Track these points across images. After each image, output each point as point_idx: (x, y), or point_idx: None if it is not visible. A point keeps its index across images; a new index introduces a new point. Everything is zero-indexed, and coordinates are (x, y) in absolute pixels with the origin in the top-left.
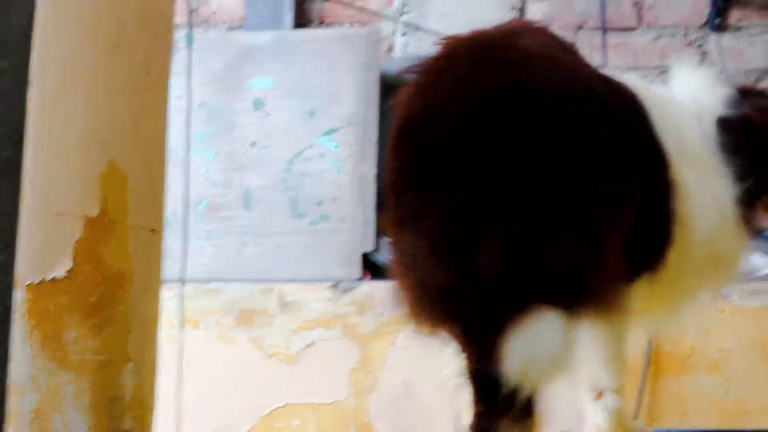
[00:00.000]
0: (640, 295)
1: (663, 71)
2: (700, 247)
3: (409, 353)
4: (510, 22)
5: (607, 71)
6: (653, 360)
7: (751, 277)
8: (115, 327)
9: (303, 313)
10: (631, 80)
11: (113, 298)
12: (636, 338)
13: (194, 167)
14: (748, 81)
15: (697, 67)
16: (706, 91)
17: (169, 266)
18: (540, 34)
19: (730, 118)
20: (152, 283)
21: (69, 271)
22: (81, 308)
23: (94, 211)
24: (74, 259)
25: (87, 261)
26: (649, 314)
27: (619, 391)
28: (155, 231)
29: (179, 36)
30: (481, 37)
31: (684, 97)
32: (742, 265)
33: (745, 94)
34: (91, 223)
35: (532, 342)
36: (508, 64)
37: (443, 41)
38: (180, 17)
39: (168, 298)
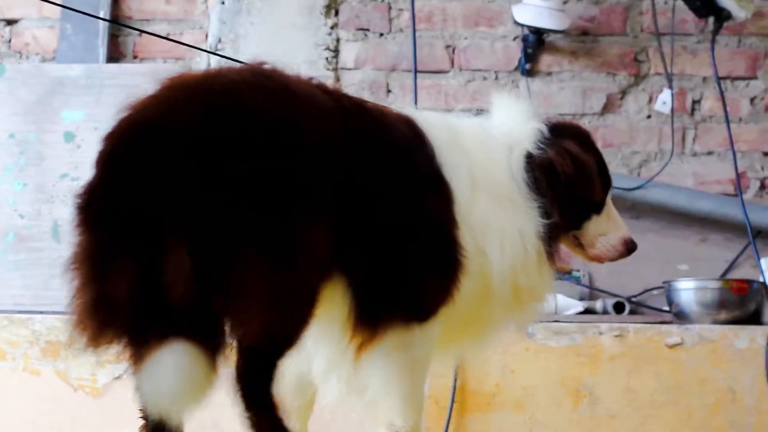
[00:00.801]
0: (442, 327)
1: (477, 113)
2: (500, 278)
3: (217, 390)
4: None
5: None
6: (459, 397)
7: (557, 316)
8: None
9: None
10: (426, 115)
11: None
12: (442, 371)
13: (2, 198)
14: None
15: (515, 101)
16: (520, 125)
17: None
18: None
19: (534, 156)
20: None
21: None
22: None
23: None
24: None
25: None
26: (453, 345)
27: (414, 430)
28: None
29: None
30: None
31: (499, 131)
32: (546, 300)
33: (557, 130)
34: None
35: (156, 374)
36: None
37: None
38: None
39: None
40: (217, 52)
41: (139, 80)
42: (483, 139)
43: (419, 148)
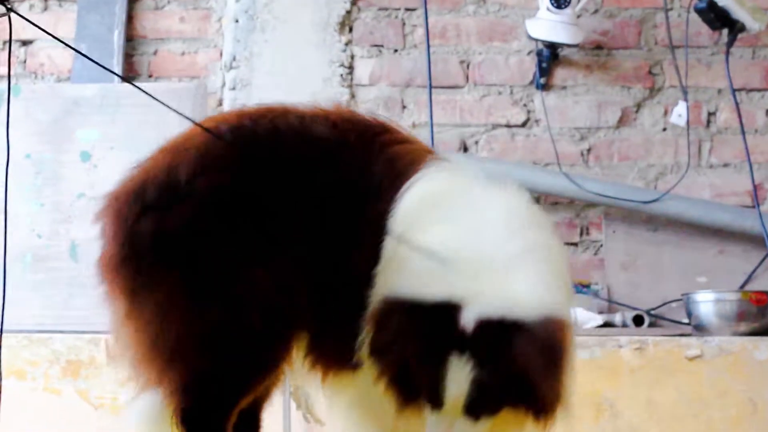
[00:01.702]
0: None
1: (492, 128)
2: None
3: None
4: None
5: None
6: None
7: (576, 330)
8: None
9: None
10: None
11: None
12: None
13: (20, 218)
14: (573, 139)
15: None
16: None
17: None
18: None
19: None
20: None
21: None
22: None
23: None
24: None
25: None
26: None
27: None
28: None
29: (4, 87)
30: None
31: None
32: None
33: None
34: None
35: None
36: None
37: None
38: (5, 68)
39: None
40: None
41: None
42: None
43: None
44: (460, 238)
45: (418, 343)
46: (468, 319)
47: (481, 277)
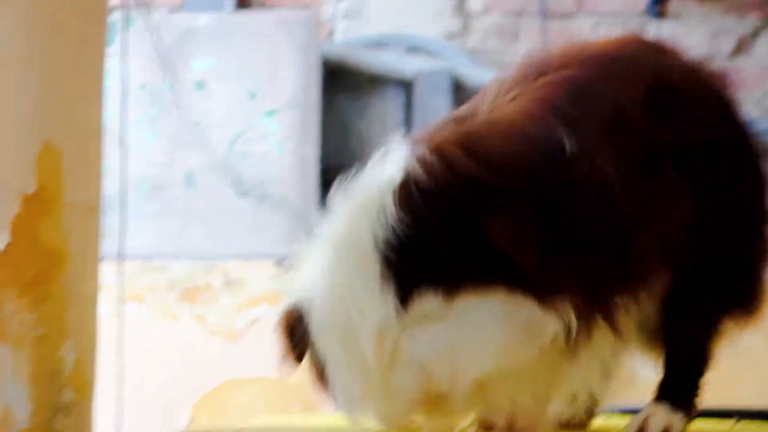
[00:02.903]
0: None
1: None
2: None
3: None
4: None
5: None
6: None
7: None
8: (52, 303)
9: (247, 290)
10: None
11: (49, 275)
12: None
13: (136, 148)
14: None
15: None
16: None
17: (114, 244)
18: None
19: None
20: (90, 260)
21: (6, 247)
22: (18, 283)
23: (31, 189)
24: (11, 236)
25: (23, 237)
26: None
27: None
28: (93, 209)
29: (119, 18)
30: None
31: None
32: None
33: None
34: (27, 201)
35: None
36: None
37: None
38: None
39: (113, 275)
40: None
41: (266, 28)
42: None
43: None
44: None
45: None
46: None
47: None
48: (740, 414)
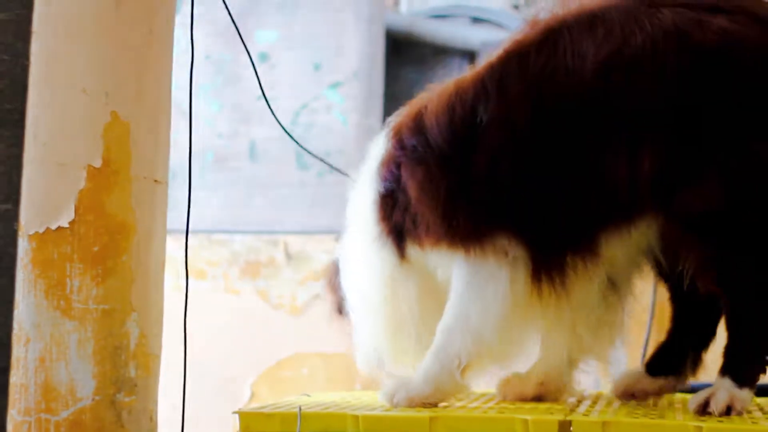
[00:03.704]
0: None
1: None
2: None
3: None
4: None
5: None
6: (657, 313)
7: None
8: (118, 277)
9: (309, 264)
10: None
11: (116, 248)
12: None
13: (200, 119)
14: None
15: None
16: None
17: (176, 217)
18: None
19: None
20: (156, 233)
21: (72, 221)
22: (84, 258)
23: (97, 162)
24: (77, 209)
25: (90, 211)
26: None
27: None
28: (159, 182)
29: None
30: None
31: None
32: None
33: None
34: (94, 174)
35: None
36: None
37: None
38: None
39: (175, 249)
40: None
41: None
42: None
43: None
44: None
45: None
46: None
47: None
48: None
